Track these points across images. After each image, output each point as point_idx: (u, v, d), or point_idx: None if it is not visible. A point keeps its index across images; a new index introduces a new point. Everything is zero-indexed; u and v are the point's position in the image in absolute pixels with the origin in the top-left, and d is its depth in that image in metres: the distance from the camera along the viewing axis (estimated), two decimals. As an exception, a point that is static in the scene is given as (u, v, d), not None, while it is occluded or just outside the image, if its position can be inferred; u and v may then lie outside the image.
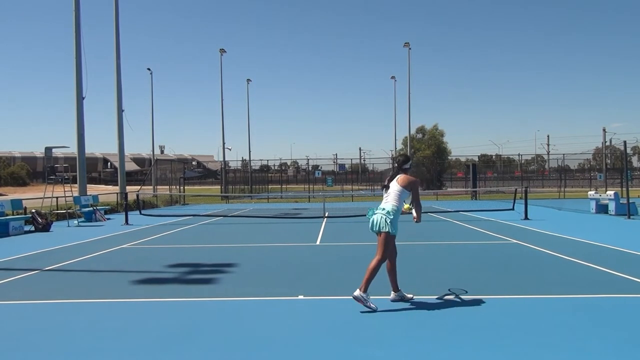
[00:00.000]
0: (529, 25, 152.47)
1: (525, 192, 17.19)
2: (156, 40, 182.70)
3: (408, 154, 46.68)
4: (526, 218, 16.37)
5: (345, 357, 4.12)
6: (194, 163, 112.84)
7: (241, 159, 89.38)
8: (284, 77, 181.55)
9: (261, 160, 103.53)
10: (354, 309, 5.50)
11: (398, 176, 5.87)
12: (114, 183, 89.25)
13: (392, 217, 5.59)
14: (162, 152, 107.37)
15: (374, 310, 5.38)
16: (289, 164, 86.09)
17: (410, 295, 5.91)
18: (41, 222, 15.19)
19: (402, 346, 4.34)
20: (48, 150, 16.74)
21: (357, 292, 5.45)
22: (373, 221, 5.69)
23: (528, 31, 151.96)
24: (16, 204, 15.89)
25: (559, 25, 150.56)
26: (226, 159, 45.81)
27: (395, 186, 5.78)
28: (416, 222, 5.87)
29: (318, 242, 11.65)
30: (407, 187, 5.75)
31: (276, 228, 15.53)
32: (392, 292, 5.86)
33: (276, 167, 67.51)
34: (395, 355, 4.12)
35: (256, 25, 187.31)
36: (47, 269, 8.47)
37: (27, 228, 15.38)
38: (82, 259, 9.49)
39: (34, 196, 21.27)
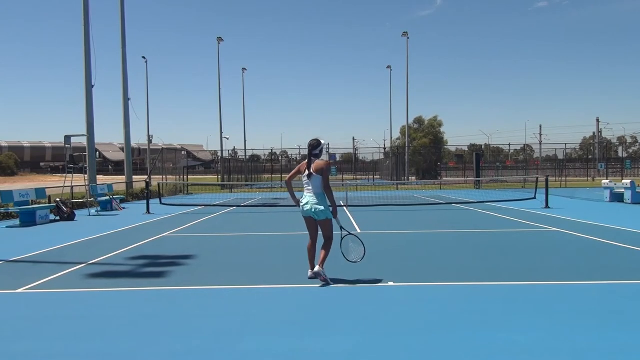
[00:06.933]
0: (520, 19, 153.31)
1: (546, 181, 17.41)
2: (146, 29, 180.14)
3: (406, 145, 46.74)
4: (547, 207, 16.59)
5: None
6: (183, 153, 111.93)
7: (233, 149, 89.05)
8: (272, 67, 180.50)
9: (253, 150, 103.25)
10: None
11: (313, 163, 6.13)
12: (104, 173, 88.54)
13: (322, 206, 6.02)
14: (150, 141, 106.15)
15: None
16: (278, 153, 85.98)
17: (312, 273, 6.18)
18: (66, 212, 15.02)
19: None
20: (67, 138, 16.48)
21: (318, 268, 6.03)
22: (310, 210, 6.09)
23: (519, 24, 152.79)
24: (40, 193, 15.67)
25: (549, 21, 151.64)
26: (218, 149, 45.33)
27: (313, 174, 6.07)
28: (335, 217, 6.13)
29: (359, 230, 11.71)
30: (319, 172, 6.05)
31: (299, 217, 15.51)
32: (311, 270, 6.19)
33: (266, 157, 67.35)
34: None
35: (247, 15, 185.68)
36: (114, 254, 8.42)
37: (50, 217, 15.19)
38: (134, 246, 9.42)
39: (46, 185, 20.97)
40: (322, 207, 6.02)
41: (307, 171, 6.13)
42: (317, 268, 6.07)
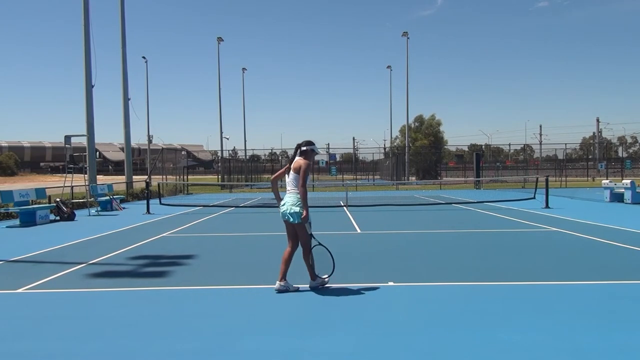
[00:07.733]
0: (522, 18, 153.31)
1: (546, 181, 17.41)
2: (146, 29, 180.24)
3: (405, 145, 46.76)
4: (547, 207, 16.59)
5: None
6: (183, 153, 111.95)
7: (233, 149, 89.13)
8: (272, 67, 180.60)
9: (253, 150, 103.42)
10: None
11: (295, 159, 5.81)
12: (104, 173, 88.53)
13: (298, 207, 5.63)
14: (150, 141, 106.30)
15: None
16: (278, 153, 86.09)
17: (296, 286, 5.87)
18: (66, 212, 15.01)
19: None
20: (67, 138, 16.48)
21: (278, 284, 5.73)
22: (286, 212, 5.71)
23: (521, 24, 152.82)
24: (40, 193, 15.68)
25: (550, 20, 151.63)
26: (218, 149, 45.30)
27: (292, 172, 5.76)
28: (303, 218, 5.60)
29: (359, 231, 11.71)
30: (297, 170, 5.71)
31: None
32: (279, 281, 5.78)
33: (266, 157, 67.40)
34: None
35: (247, 15, 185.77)
36: (114, 254, 8.42)
37: (50, 217, 15.19)
38: (134, 246, 9.42)
39: (46, 185, 20.98)
40: (297, 209, 5.61)
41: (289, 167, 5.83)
42: (311, 283, 5.91)
